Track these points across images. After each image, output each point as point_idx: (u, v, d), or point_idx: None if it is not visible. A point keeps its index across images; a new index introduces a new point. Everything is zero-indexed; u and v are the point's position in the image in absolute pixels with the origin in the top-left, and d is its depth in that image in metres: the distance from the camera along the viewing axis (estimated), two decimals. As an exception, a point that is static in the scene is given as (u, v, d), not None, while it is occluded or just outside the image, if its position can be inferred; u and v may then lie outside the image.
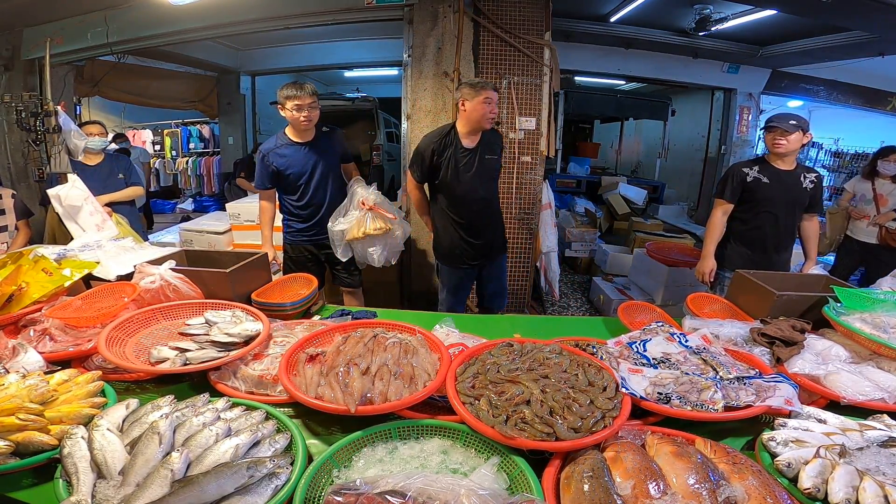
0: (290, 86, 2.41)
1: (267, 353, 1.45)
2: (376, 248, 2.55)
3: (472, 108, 2.31)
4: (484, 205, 2.54)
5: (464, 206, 2.49)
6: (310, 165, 2.56)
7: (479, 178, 2.45)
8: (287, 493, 0.90)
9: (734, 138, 7.06)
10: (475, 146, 2.43)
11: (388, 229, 2.51)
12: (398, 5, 3.51)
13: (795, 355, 1.44)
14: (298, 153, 2.54)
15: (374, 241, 2.53)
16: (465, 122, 2.39)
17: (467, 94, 2.32)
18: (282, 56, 7.27)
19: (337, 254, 2.58)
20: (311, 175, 2.57)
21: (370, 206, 2.48)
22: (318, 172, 2.58)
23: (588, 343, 1.47)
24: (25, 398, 1.05)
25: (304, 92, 2.39)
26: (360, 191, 2.53)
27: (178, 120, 9.07)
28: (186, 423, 1.05)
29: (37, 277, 1.68)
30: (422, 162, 2.43)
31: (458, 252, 2.55)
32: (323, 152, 2.59)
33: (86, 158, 3.20)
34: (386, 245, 2.58)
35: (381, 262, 2.60)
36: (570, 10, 5.07)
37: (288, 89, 2.40)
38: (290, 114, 2.43)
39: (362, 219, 2.48)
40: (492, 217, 2.62)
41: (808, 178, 2.54)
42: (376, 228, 2.47)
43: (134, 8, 4.21)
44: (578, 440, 1.00)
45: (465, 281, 2.68)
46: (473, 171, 2.43)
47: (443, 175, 2.43)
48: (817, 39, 5.23)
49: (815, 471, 0.93)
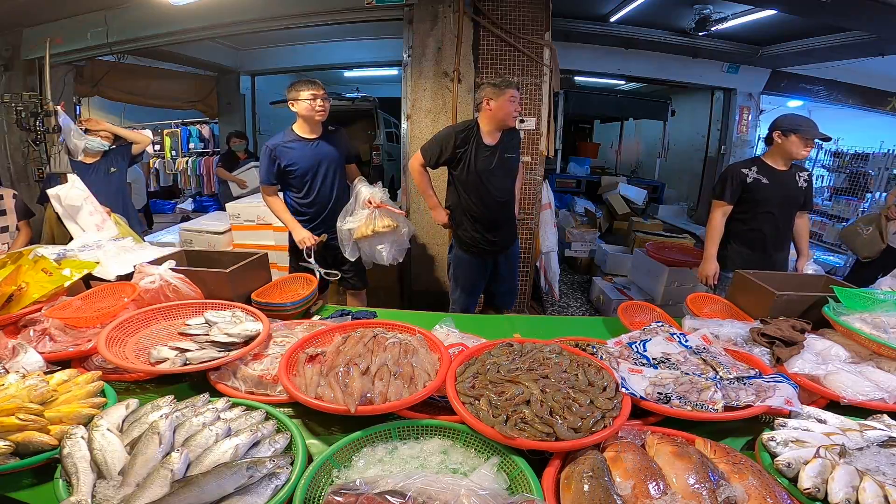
0: (303, 80, 2.45)
1: (267, 353, 1.45)
2: (385, 246, 2.56)
3: (499, 107, 2.38)
4: (501, 202, 2.60)
5: (482, 201, 2.54)
6: (317, 161, 2.55)
7: (498, 175, 2.52)
8: (287, 493, 0.90)
9: (734, 138, 7.06)
10: (496, 144, 2.49)
11: (395, 226, 2.53)
12: (398, 5, 3.51)
13: (795, 355, 1.44)
14: (306, 149, 2.53)
15: (382, 238, 2.54)
16: (490, 120, 2.44)
17: (492, 93, 2.38)
18: (282, 56, 7.27)
19: (346, 253, 2.58)
20: (317, 171, 2.56)
21: (377, 203, 2.49)
22: (325, 169, 2.58)
23: (588, 343, 1.47)
24: (25, 398, 1.05)
25: (318, 84, 2.44)
26: (364, 190, 2.54)
27: (178, 120, 9.06)
28: (186, 424, 1.05)
29: (36, 277, 1.68)
30: (441, 150, 2.47)
31: (477, 244, 2.60)
32: (329, 149, 2.59)
33: (84, 158, 3.20)
34: (394, 242, 2.59)
35: (389, 260, 2.60)
36: (570, 10, 5.06)
37: (301, 83, 2.43)
38: (305, 105, 2.42)
39: (370, 216, 2.49)
40: (508, 214, 2.69)
41: (802, 176, 2.58)
42: (385, 226, 2.48)
43: (134, 8, 4.20)
44: (578, 440, 1.00)
45: (480, 279, 2.71)
46: (493, 168, 2.48)
47: (462, 168, 2.48)
48: (817, 39, 5.22)
49: (815, 471, 0.93)
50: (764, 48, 5.89)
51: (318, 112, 2.45)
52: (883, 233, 3.59)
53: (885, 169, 5.76)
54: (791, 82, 6.82)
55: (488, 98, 2.39)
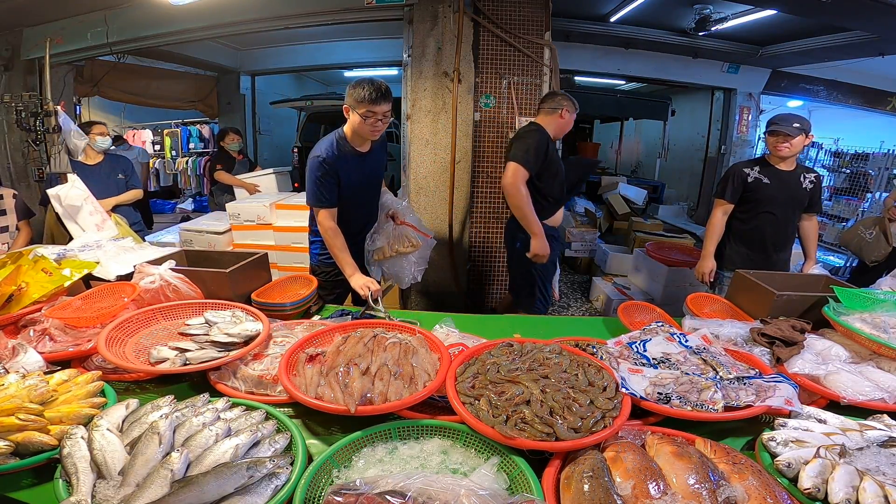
0: (370, 88, 1.91)
1: (267, 353, 1.45)
2: (403, 268, 2.37)
3: (568, 122, 2.61)
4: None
5: (557, 204, 2.69)
6: (366, 177, 2.21)
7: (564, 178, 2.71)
8: (287, 493, 0.90)
9: (734, 138, 7.06)
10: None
11: (419, 245, 2.36)
12: (398, 5, 3.51)
13: (795, 355, 1.44)
14: (358, 162, 2.15)
15: (402, 259, 2.34)
16: (559, 130, 2.63)
17: (570, 107, 2.59)
18: (282, 56, 7.28)
19: (371, 275, 2.29)
20: (365, 188, 2.23)
21: (401, 220, 2.34)
22: (372, 185, 2.27)
23: (588, 343, 1.47)
24: (25, 398, 1.05)
25: (385, 102, 1.95)
26: (389, 202, 2.38)
27: (177, 120, 9.06)
28: (186, 424, 1.05)
29: (37, 277, 1.68)
30: (545, 154, 2.51)
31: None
32: (377, 163, 2.27)
33: (86, 158, 3.21)
34: (414, 263, 2.41)
35: (409, 282, 2.41)
36: (569, 10, 5.06)
37: (372, 89, 1.91)
38: (357, 119, 1.97)
39: (390, 235, 2.32)
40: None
41: (808, 178, 2.55)
42: (409, 246, 2.32)
43: (134, 8, 4.21)
44: (578, 440, 1.00)
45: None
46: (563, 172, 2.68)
47: (549, 172, 2.57)
48: (817, 39, 5.22)
49: (815, 471, 0.93)
50: (764, 48, 5.89)
51: (371, 135, 2.05)
52: (888, 235, 3.59)
53: (885, 169, 5.77)
54: (791, 82, 6.82)
55: (567, 110, 2.57)
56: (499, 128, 3.54)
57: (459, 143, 3.52)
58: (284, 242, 3.62)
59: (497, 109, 3.50)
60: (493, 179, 3.59)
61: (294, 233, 3.56)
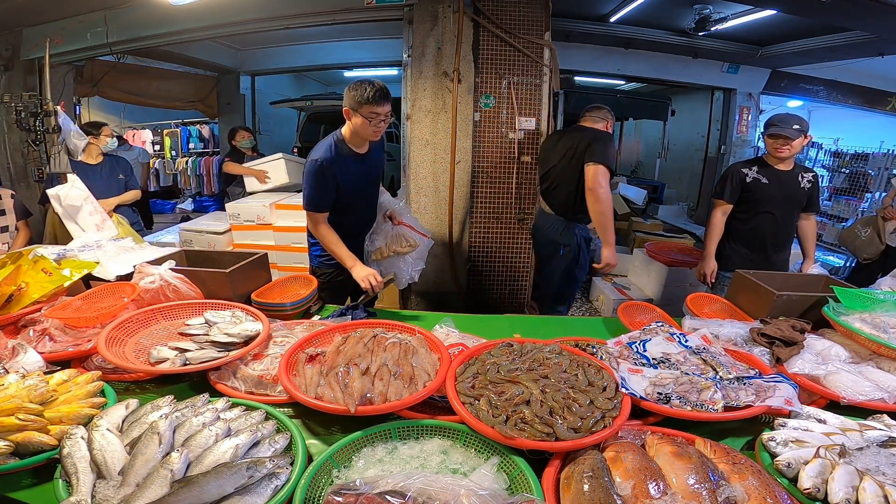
0: (371, 88, 1.88)
1: (267, 353, 1.45)
2: (400, 268, 2.37)
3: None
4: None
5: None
6: (365, 179, 2.20)
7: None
8: (287, 493, 0.90)
9: (734, 138, 7.06)
10: None
11: (416, 246, 2.37)
12: (398, 5, 3.51)
13: (795, 355, 1.44)
14: (358, 164, 2.14)
15: (399, 259, 2.34)
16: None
17: (612, 123, 2.74)
18: (282, 56, 7.27)
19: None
20: (364, 190, 2.23)
21: (398, 221, 2.34)
22: (371, 186, 2.27)
23: (588, 343, 1.47)
24: (25, 398, 1.05)
25: (387, 102, 1.93)
26: (386, 203, 2.39)
27: (177, 120, 9.06)
28: (186, 424, 1.05)
29: (36, 277, 1.68)
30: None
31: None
32: (376, 164, 2.26)
33: (86, 158, 3.21)
34: (411, 263, 2.42)
35: (406, 282, 2.42)
36: (569, 10, 5.06)
37: (372, 90, 1.88)
38: (359, 121, 1.95)
39: (388, 235, 2.33)
40: None
41: (806, 177, 2.56)
42: (406, 245, 2.32)
43: (134, 8, 4.20)
44: (578, 440, 1.00)
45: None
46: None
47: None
48: (817, 39, 5.22)
49: (815, 471, 0.93)
50: (764, 48, 5.89)
51: (371, 135, 2.03)
52: (881, 233, 3.60)
53: (884, 169, 5.76)
54: (791, 82, 6.82)
55: (611, 123, 2.72)
56: (499, 128, 3.53)
57: (459, 143, 3.52)
58: (284, 242, 3.62)
59: (497, 109, 3.50)
60: (493, 179, 3.58)
61: (294, 233, 3.57)
